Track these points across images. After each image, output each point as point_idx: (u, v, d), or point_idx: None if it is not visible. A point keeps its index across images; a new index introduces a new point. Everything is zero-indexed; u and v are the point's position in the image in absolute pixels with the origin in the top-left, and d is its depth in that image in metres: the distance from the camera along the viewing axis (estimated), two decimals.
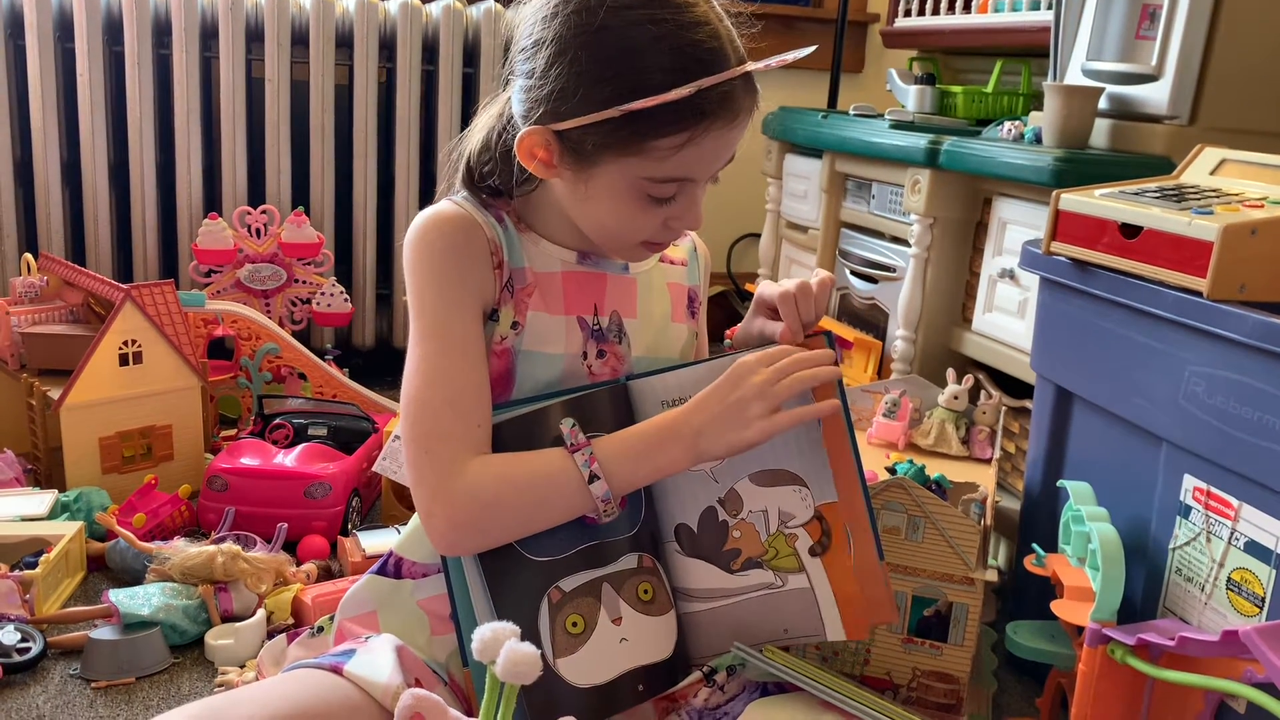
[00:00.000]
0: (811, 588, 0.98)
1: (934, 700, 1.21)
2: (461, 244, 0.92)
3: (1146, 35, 1.53)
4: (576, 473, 0.89)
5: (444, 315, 0.91)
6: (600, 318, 0.99)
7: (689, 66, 0.83)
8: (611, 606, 0.92)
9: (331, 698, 0.86)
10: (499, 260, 0.94)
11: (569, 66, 0.85)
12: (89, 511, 1.57)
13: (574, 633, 0.91)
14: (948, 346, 1.78)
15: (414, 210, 2.41)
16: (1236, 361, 1.00)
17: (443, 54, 2.35)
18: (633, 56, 0.84)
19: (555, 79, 0.85)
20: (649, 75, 0.83)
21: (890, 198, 1.95)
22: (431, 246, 0.92)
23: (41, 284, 1.89)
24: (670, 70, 0.83)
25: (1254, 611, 1.00)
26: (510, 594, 0.91)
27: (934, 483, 1.31)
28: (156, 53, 2.23)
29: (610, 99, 0.84)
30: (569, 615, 0.91)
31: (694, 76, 0.83)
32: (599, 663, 0.91)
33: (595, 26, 0.84)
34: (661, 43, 0.83)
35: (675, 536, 0.98)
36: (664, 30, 0.83)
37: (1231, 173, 1.22)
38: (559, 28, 0.85)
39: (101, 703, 1.22)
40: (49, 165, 2.20)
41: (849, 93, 2.62)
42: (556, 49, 0.85)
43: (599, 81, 0.84)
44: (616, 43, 0.84)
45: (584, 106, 0.85)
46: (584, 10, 0.84)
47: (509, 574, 0.90)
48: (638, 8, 0.83)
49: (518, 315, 0.95)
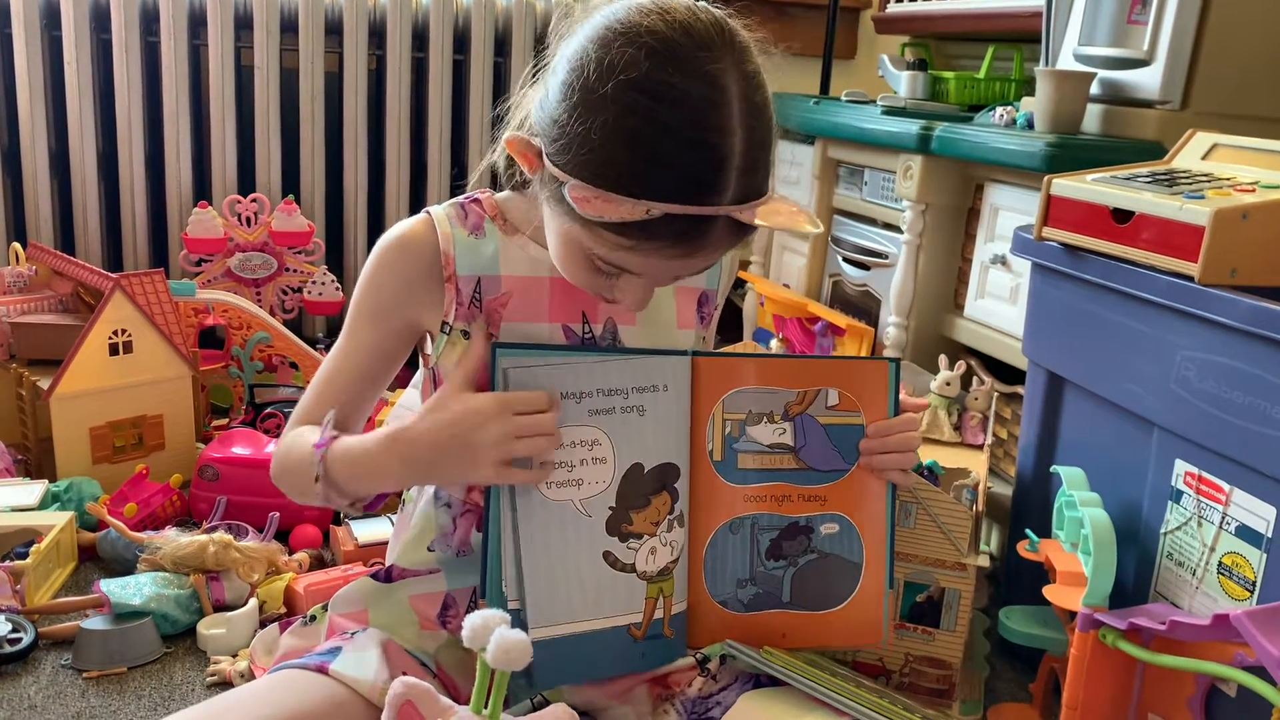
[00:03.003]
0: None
1: (926, 686, 1.21)
2: (394, 263, 0.94)
3: (1138, 20, 1.53)
4: (313, 470, 0.91)
5: (354, 323, 0.97)
6: (592, 325, 0.96)
7: (659, 183, 0.75)
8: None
9: (318, 698, 0.86)
10: (449, 274, 0.92)
11: (565, 111, 0.78)
12: (80, 501, 1.56)
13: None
14: (940, 333, 1.78)
15: (404, 197, 2.41)
16: (1228, 346, 1.00)
17: (433, 41, 2.33)
18: (612, 143, 0.76)
19: (553, 109, 0.80)
20: (616, 169, 0.76)
21: (882, 184, 1.94)
22: (371, 262, 0.96)
23: (30, 274, 1.88)
24: (637, 176, 0.75)
25: (1245, 595, 1.00)
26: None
27: (926, 469, 1.31)
28: (145, 40, 2.21)
29: (573, 168, 0.77)
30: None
31: (660, 196, 0.75)
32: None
33: (598, 92, 0.76)
34: (650, 147, 0.75)
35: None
36: (657, 134, 0.75)
37: (1223, 157, 1.22)
38: (576, 68, 0.78)
39: (93, 693, 1.22)
40: (37, 154, 2.19)
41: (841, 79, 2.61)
42: (566, 86, 0.79)
43: (575, 144, 0.77)
44: (606, 120, 0.76)
45: (560, 155, 0.79)
46: (603, 67, 0.76)
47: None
48: (647, 96, 0.75)
49: (492, 326, 0.93)
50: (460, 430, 0.85)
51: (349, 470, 0.90)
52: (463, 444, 0.85)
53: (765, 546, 0.99)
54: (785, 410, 0.98)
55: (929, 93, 2.03)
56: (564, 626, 0.91)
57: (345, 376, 0.97)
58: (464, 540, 0.98)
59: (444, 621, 0.98)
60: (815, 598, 1.00)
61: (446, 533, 0.98)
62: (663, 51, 0.76)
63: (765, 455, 0.98)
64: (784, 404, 0.98)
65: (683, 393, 0.95)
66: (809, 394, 0.98)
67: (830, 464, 0.99)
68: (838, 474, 0.99)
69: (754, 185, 0.79)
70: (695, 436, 0.97)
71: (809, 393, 0.98)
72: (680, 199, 0.76)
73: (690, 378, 0.96)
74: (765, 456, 0.98)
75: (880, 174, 1.95)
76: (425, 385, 1.00)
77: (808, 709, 0.89)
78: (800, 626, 1.00)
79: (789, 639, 1.00)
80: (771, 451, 0.98)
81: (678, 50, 0.76)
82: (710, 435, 0.97)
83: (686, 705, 0.97)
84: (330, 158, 2.36)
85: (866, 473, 1.00)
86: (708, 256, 0.82)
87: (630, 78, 0.75)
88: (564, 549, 0.90)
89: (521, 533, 0.89)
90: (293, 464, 0.94)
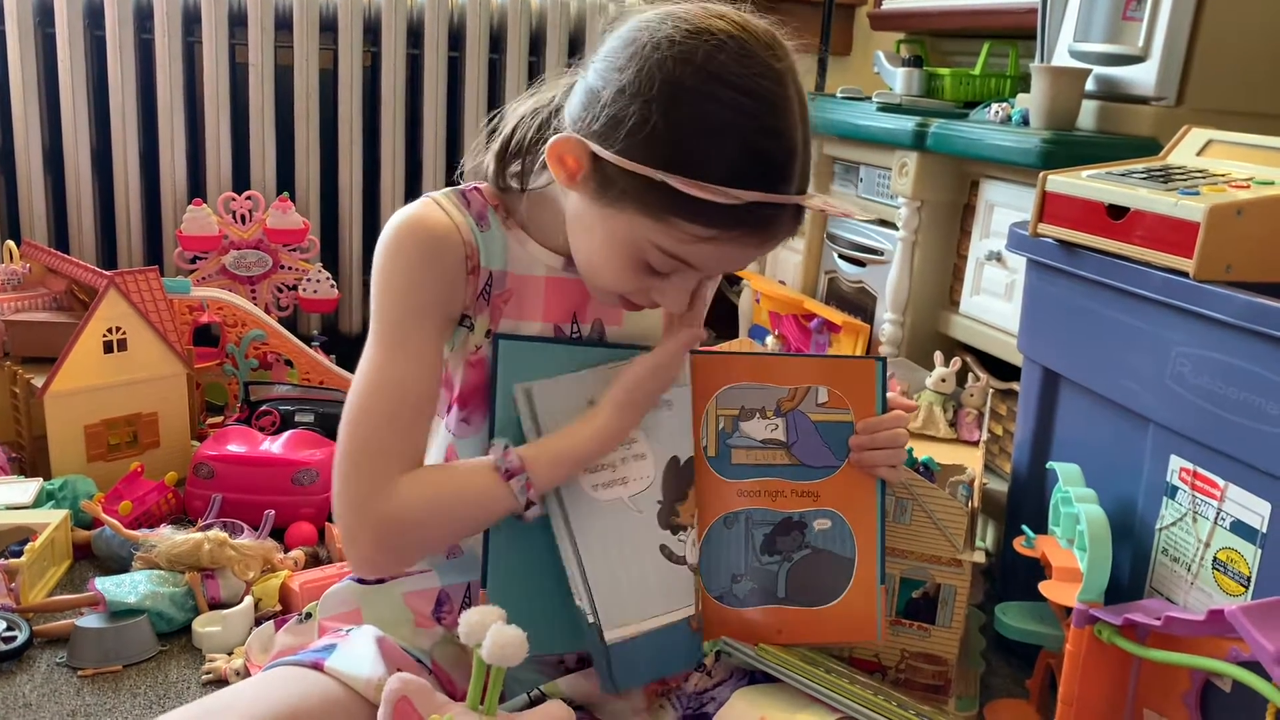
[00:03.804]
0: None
1: (922, 682, 1.21)
2: (432, 254, 0.88)
3: (1133, 16, 1.53)
4: (510, 498, 0.87)
5: (403, 325, 0.88)
6: (581, 325, 0.97)
7: (748, 172, 0.78)
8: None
9: (313, 695, 0.85)
10: (474, 265, 0.90)
11: (639, 106, 0.79)
12: (74, 499, 1.56)
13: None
14: (935, 329, 1.78)
15: (400, 195, 2.41)
16: (1223, 342, 1.00)
17: (428, 38, 2.33)
18: (701, 134, 0.78)
19: (620, 107, 0.80)
20: (708, 160, 0.78)
21: (878, 181, 1.94)
22: (401, 252, 0.89)
23: (24, 271, 1.88)
24: (730, 166, 0.78)
25: (1240, 591, 1.00)
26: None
27: (921, 465, 1.31)
28: (139, 37, 2.21)
29: (661, 161, 0.78)
30: None
31: (750, 184, 0.78)
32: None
33: (684, 84, 0.78)
34: (735, 135, 0.78)
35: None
36: (744, 124, 0.78)
37: (1218, 153, 1.22)
38: (650, 63, 0.79)
39: (88, 691, 1.21)
40: (31, 151, 2.18)
41: (836, 75, 2.61)
42: (636, 82, 0.79)
43: (658, 138, 0.78)
44: (693, 111, 0.78)
45: (633, 151, 0.79)
46: (681, 62, 0.78)
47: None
48: (730, 89, 0.78)
49: (492, 323, 0.93)
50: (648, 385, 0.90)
51: (555, 472, 0.89)
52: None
53: (760, 541, 0.99)
54: (778, 406, 0.98)
55: (924, 89, 2.03)
56: (634, 625, 0.91)
57: (415, 396, 0.88)
58: (453, 544, 0.98)
59: (439, 618, 0.98)
60: (809, 593, 1.01)
61: None
62: (737, 49, 0.79)
63: (759, 450, 0.98)
64: (776, 400, 0.98)
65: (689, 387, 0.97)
66: (800, 391, 0.98)
67: (822, 460, 1.00)
68: (829, 470, 1.00)
69: (808, 176, 0.84)
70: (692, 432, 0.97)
71: (800, 390, 0.98)
72: (766, 187, 0.79)
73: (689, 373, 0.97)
74: (759, 451, 0.98)
75: (876, 171, 1.95)
76: None
77: (802, 705, 0.90)
78: (795, 622, 1.00)
79: (784, 635, 1.00)
80: (765, 446, 0.98)
81: (749, 47, 0.80)
82: (705, 430, 0.97)
83: (682, 700, 0.97)
84: (325, 155, 2.35)
85: (857, 469, 1.00)
86: (773, 245, 0.86)
87: (712, 71, 0.78)
88: (622, 548, 0.91)
89: (579, 539, 0.90)
90: (452, 505, 0.88)
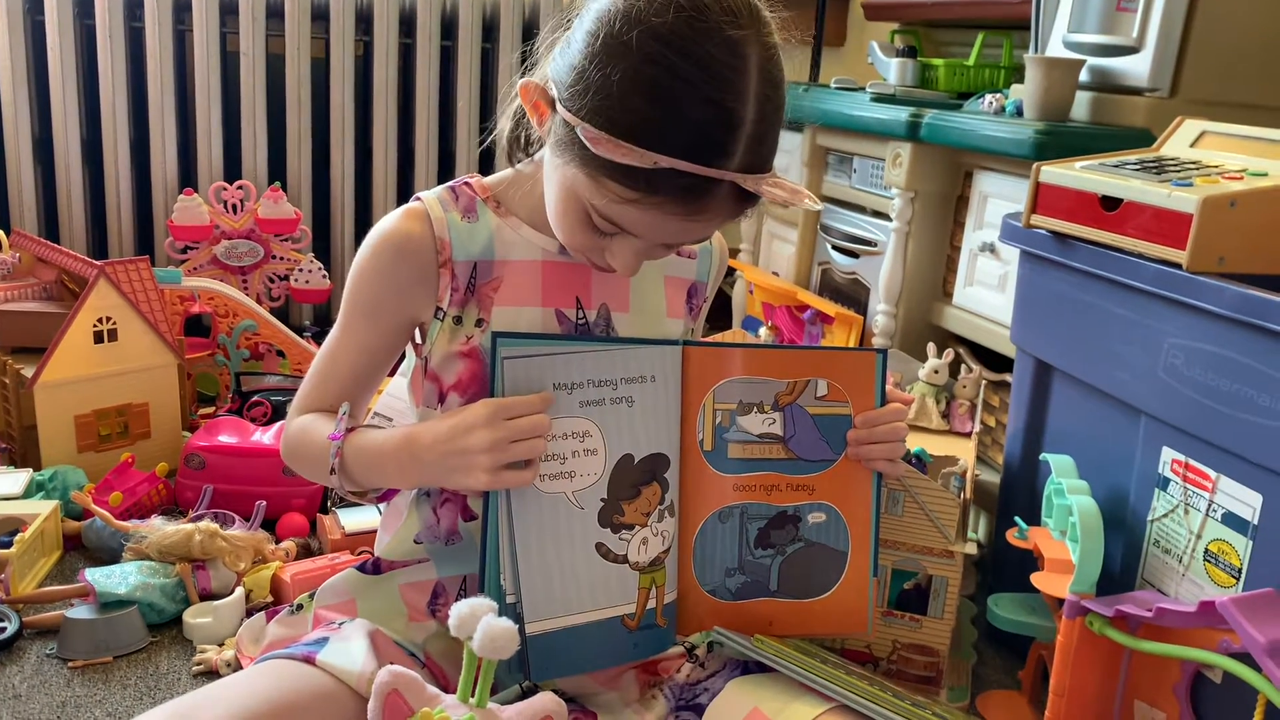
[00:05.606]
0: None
1: (914, 673, 1.22)
2: (390, 264, 0.94)
3: (1127, 8, 1.53)
4: (329, 462, 0.93)
5: (353, 318, 0.97)
6: (586, 310, 0.96)
7: (672, 139, 0.75)
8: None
9: (304, 689, 0.85)
10: (444, 259, 0.92)
11: (585, 60, 0.78)
12: (65, 490, 1.55)
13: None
14: (928, 320, 1.78)
15: (392, 185, 2.40)
16: (1215, 334, 1.00)
17: (420, 26, 2.32)
18: (632, 94, 0.76)
19: (572, 58, 0.80)
20: (633, 121, 0.76)
21: (871, 171, 1.94)
22: (365, 259, 0.96)
23: (14, 261, 1.87)
24: (654, 129, 0.76)
25: (1230, 583, 1.01)
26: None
27: (914, 456, 1.31)
28: (129, 26, 2.20)
29: (590, 114, 0.77)
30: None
31: (672, 152, 0.75)
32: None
33: (627, 43, 0.76)
34: (665, 99, 0.76)
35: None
36: (678, 89, 0.75)
37: (1211, 145, 1.22)
38: (602, 20, 0.78)
39: (79, 682, 1.21)
40: (20, 141, 2.17)
41: (830, 66, 2.60)
42: (590, 36, 0.79)
43: (593, 92, 0.77)
44: (630, 72, 0.76)
45: (574, 101, 0.79)
46: (631, 21, 0.77)
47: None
48: (673, 51, 0.75)
49: (482, 312, 0.93)
50: (455, 439, 0.86)
51: (363, 465, 0.92)
52: (459, 452, 0.86)
53: (754, 535, 0.99)
54: (775, 400, 0.98)
55: (918, 80, 2.03)
56: (559, 619, 0.91)
57: (343, 371, 0.98)
58: (451, 530, 0.97)
59: (433, 610, 0.98)
60: (802, 586, 1.00)
61: (430, 524, 0.98)
62: (691, 10, 0.77)
63: (755, 445, 0.98)
64: (774, 394, 0.98)
65: (672, 383, 0.95)
66: (798, 384, 0.98)
67: (819, 454, 0.99)
68: (826, 464, 0.99)
69: (761, 157, 0.80)
70: (685, 426, 0.96)
71: (798, 383, 0.98)
72: (689, 156, 0.76)
73: (680, 367, 0.96)
74: (755, 446, 0.98)
75: (869, 161, 1.95)
76: (415, 374, 1.00)
77: (795, 695, 0.89)
78: (786, 615, 1.00)
79: (775, 627, 1.00)
80: (761, 441, 0.98)
81: (706, 12, 0.77)
82: (701, 425, 0.97)
83: (674, 691, 0.97)
84: (317, 144, 2.35)
85: (853, 462, 1.00)
86: (707, 224, 0.82)
87: (655, 30, 0.76)
88: (557, 542, 0.90)
89: (516, 526, 0.89)
90: (309, 451, 0.96)
